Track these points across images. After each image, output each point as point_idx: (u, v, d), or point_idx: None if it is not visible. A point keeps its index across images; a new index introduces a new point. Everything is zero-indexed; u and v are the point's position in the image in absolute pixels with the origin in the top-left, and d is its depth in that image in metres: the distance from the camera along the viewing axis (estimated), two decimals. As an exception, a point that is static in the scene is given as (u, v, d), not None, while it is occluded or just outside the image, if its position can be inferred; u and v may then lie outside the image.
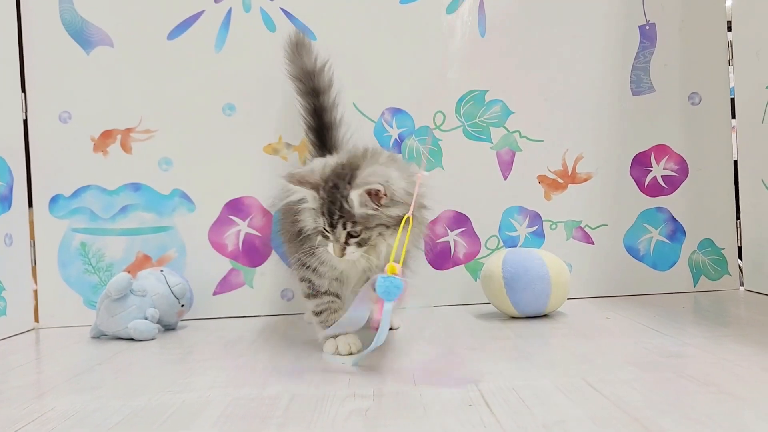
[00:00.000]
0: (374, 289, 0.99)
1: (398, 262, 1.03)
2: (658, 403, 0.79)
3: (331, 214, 1.05)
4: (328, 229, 1.06)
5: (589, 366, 0.98)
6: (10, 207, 1.46)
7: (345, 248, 1.06)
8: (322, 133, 1.39)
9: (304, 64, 1.39)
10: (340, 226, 1.05)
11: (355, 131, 1.44)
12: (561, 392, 0.84)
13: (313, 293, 1.18)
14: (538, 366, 1.00)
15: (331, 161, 1.11)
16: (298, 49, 1.40)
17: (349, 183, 1.05)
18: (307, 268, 1.17)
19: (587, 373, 0.93)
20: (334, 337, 1.14)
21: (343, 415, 0.79)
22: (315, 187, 1.06)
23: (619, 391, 0.84)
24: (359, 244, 1.07)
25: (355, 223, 1.05)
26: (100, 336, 1.37)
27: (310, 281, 1.18)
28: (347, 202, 1.04)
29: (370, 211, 1.05)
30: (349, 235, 1.06)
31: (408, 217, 1.05)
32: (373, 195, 1.04)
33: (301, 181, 1.07)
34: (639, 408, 0.77)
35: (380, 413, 0.79)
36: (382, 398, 0.85)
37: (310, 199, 1.08)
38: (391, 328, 1.28)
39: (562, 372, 0.95)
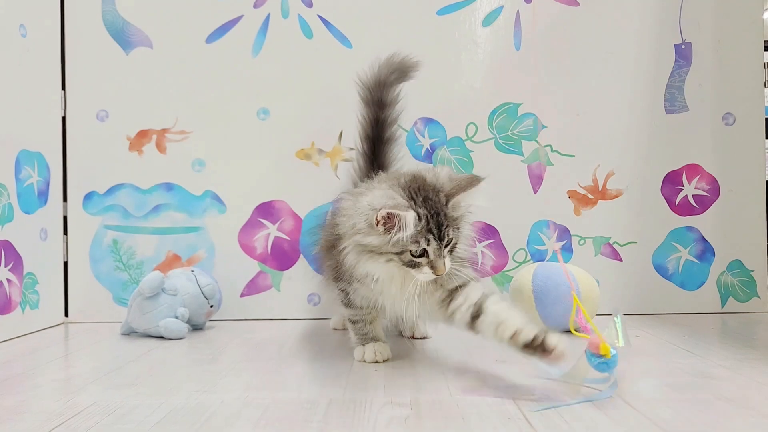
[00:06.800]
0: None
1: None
2: (698, 424, 0.79)
3: (440, 225, 1.00)
4: (436, 244, 1.00)
5: (623, 384, 0.97)
6: (46, 202, 1.49)
7: (445, 261, 1.01)
8: (377, 145, 1.34)
9: (379, 74, 1.32)
10: (446, 237, 1.01)
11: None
12: (598, 409, 0.84)
13: (349, 304, 1.16)
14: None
15: (384, 185, 1.06)
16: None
17: (436, 191, 1.02)
18: (345, 281, 1.13)
19: (622, 390, 0.92)
20: (364, 344, 1.14)
21: (382, 422, 0.79)
22: (411, 208, 1.00)
23: (657, 410, 0.83)
24: (451, 251, 1.03)
25: (455, 228, 1.02)
26: (130, 333, 1.39)
27: (345, 293, 1.15)
28: (448, 207, 1.01)
29: (463, 212, 1.04)
30: (446, 245, 1.02)
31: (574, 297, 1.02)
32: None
33: (398, 208, 0.99)
34: (679, 429, 0.77)
35: (420, 422, 0.80)
36: (419, 407, 0.85)
37: (410, 224, 0.98)
38: (423, 337, 1.31)
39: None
